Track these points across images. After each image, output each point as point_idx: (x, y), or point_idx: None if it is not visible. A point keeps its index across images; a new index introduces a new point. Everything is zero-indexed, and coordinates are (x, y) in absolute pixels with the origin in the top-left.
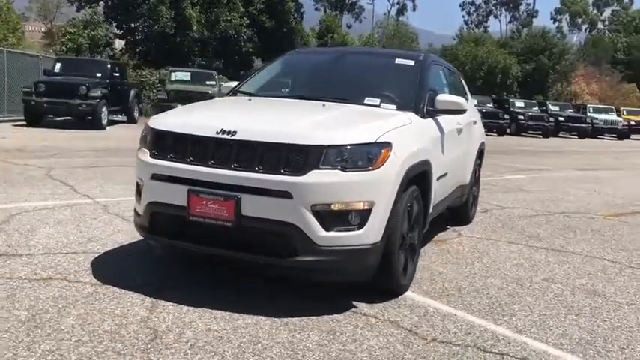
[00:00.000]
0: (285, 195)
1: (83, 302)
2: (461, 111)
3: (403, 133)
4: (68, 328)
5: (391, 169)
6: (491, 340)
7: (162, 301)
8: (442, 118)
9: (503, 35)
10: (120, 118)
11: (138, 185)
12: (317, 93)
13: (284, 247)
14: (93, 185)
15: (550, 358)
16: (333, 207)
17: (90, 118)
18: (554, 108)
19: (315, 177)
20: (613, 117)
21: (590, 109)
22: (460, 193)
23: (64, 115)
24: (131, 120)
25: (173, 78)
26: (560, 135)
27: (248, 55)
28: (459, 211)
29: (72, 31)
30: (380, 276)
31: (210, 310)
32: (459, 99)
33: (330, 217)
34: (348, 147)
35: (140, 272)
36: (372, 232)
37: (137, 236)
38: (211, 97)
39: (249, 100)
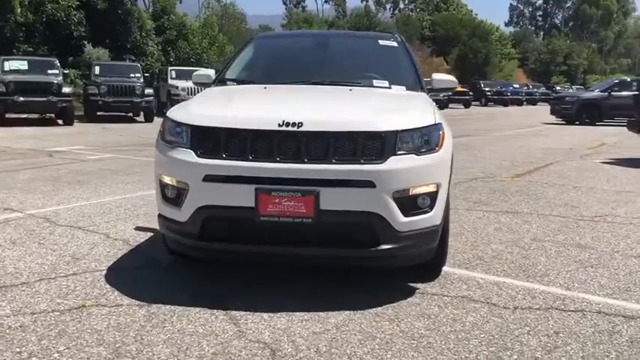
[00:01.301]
0: (369, 184)
1: (152, 326)
2: (453, 89)
3: (438, 113)
4: (170, 356)
5: (447, 149)
6: (558, 301)
7: (234, 312)
8: (431, 96)
9: (320, 15)
10: None
11: (168, 189)
12: (331, 78)
13: (367, 237)
14: (1, 197)
15: (617, 307)
16: (410, 192)
17: None
18: None
19: (394, 163)
20: None
21: None
22: None
23: None
24: None
25: (7, 68)
26: None
27: (80, 39)
28: None
29: None
30: (435, 255)
31: (290, 312)
32: (453, 77)
33: (408, 202)
34: (417, 130)
35: (169, 285)
36: (438, 213)
37: (122, 248)
38: (59, 87)
39: (265, 88)
